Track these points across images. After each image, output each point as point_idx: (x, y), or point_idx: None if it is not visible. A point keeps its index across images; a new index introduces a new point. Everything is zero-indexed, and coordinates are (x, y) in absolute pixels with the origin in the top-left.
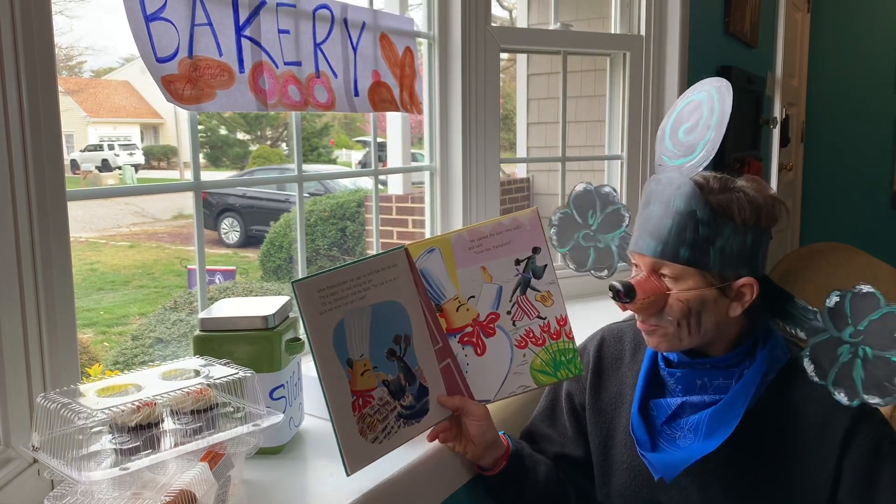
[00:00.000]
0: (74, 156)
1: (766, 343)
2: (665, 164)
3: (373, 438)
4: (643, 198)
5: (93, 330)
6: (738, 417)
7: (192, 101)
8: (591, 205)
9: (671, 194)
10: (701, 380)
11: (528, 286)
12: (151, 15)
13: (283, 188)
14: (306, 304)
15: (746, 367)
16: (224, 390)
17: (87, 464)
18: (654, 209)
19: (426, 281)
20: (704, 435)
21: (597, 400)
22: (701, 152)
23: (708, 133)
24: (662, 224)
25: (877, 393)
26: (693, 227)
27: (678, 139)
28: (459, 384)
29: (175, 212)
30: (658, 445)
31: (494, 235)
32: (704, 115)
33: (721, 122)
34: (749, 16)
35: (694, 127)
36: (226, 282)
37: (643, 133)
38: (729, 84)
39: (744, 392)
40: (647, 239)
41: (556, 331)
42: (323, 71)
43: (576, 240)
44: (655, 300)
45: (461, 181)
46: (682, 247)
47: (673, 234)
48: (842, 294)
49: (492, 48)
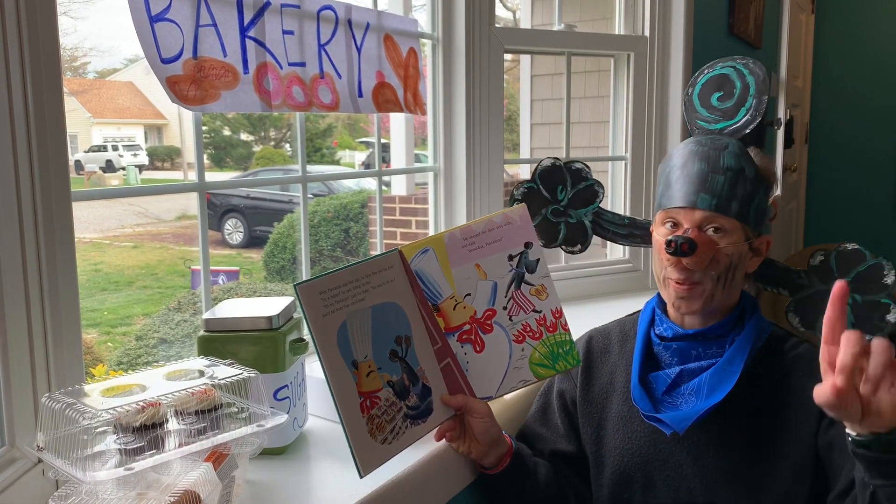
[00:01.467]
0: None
1: (752, 314)
2: (702, 127)
3: (382, 439)
4: (677, 158)
5: (97, 330)
6: (737, 374)
7: (196, 102)
8: (561, 180)
9: (719, 153)
10: (696, 350)
11: (522, 281)
12: (156, 16)
13: (286, 189)
14: (309, 306)
15: (737, 335)
16: (228, 391)
17: (92, 464)
18: (699, 167)
19: (422, 281)
20: (707, 394)
21: (587, 392)
22: (745, 116)
23: (749, 100)
24: (714, 180)
25: (868, 331)
26: (743, 183)
27: (712, 106)
28: (461, 383)
29: (179, 212)
30: (661, 413)
31: (486, 232)
32: (738, 86)
33: (760, 90)
34: (753, 17)
35: (728, 95)
36: (229, 282)
37: (647, 134)
38: (756, 60)
39: (740, 353)
40: (701, 194)
41: (552, 323)
42: (327, 72)
43: (543, 215)
44: (712, 254)
45: (465, 182)
46: (734, 201)
47: (726, 189)
48: (826, 252)
49: (495, 49)
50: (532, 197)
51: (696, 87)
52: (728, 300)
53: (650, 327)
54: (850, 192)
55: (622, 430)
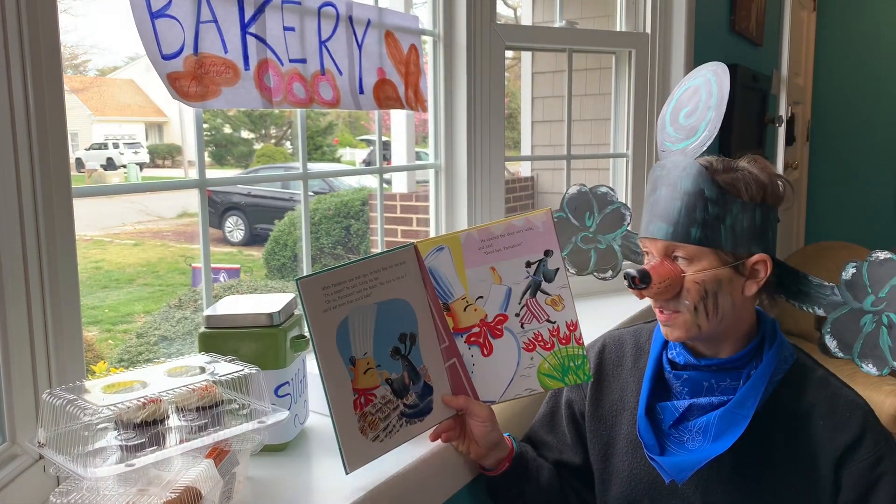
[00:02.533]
0: (79, 154)
1: (772, 344)
2: (668, 149)
3: (374, 437)
4: (649, 185)
5: (98, 328)
6: (747, 418)
7: (197, 99)
8: (588, 206)
9: (677, 176)
10: (708, 382)
11: (538, 289)
12: (157, 12)
13: (287, 186)
14: (310, 302)
15: (753, 368)
16: (229, 387)
17: (93, 460)
18: (662, 193)
19: (434, 279)
20: (714, 436)
21: (597, 407)
22: (703, 132)
23: (708, 113)
24: (671, 206)
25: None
26: (703, 205)
27: (679, 124)
28: (465, 383)
29: (180, 210)
30: (666, 449)
31: (505, 236)
32: (703, 98)
33: (720, 101)
34: (755, 14)
35: (694, 110)
36: (230, 280)
37: (648, 131)
38: (725, 66)
39: (752, 393)
40: (657, 223)
41: (565, 336)
42: (328, 68)
43: (574, 243)
44: (671, 283)
45: (466, 179)
46: (693, 226)
47: (683, 214)
48: (858, 264)
49: (497, 46)
50: (562, 227)
51: (671, 103)
52: (727, 328)
53: (663, 350)
54: (851, 190)
55: (630, 454)
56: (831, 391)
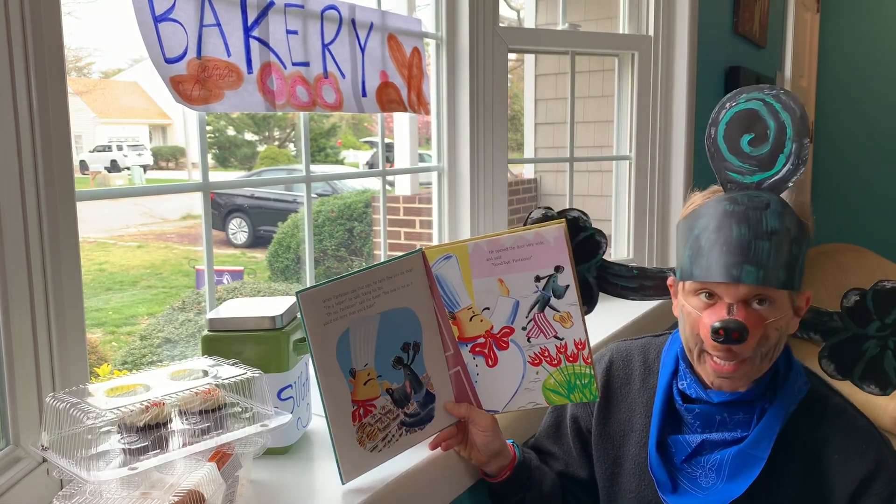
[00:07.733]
0: (83, 156)
1: (787, 376)
2: (735, 180)
3: (371, 447)
4: (708, 219)
5: (101, 330)
6: (763, 460)
7: (200, 102)
8: None
9: (760, 214)
10: (720, 416)
11: (546, 304)
12: (160, 16)
13: (290, 189)
14: (310, 315)
15: (767, 402)
16: (232, 390)
17: (96, 463)
18: (739, 232)
19: (441, 287)
20: (728, 476)
21: (605, 426)
22: (785, 166)
23: (788, 144)
24: (758, 248)
25: None
26: (788, 246)
27: (744, 152)
28: (468, 392)
29: (183, 212)
30: (679, 485)
31: (515, 249)
32: (772, 126)
33: (799, 132)
34: (758, 16)
35: (762, 138)
36: (234, 282)
37: (651, 133)
38: (787, 90)
39: (768, 434)
40: (745, 266)
41: (573, 353)
42: (331, 71)
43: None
44: (765, 335)
45: (469, 182)
46: (781, 269)
47: (772, 257)
48: (861, 292)
49: (500, 48)
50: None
51: (720, 127)
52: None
53: (673, 378)
54: (855, 191)
55: (638, 476)
56: (846, 422)
